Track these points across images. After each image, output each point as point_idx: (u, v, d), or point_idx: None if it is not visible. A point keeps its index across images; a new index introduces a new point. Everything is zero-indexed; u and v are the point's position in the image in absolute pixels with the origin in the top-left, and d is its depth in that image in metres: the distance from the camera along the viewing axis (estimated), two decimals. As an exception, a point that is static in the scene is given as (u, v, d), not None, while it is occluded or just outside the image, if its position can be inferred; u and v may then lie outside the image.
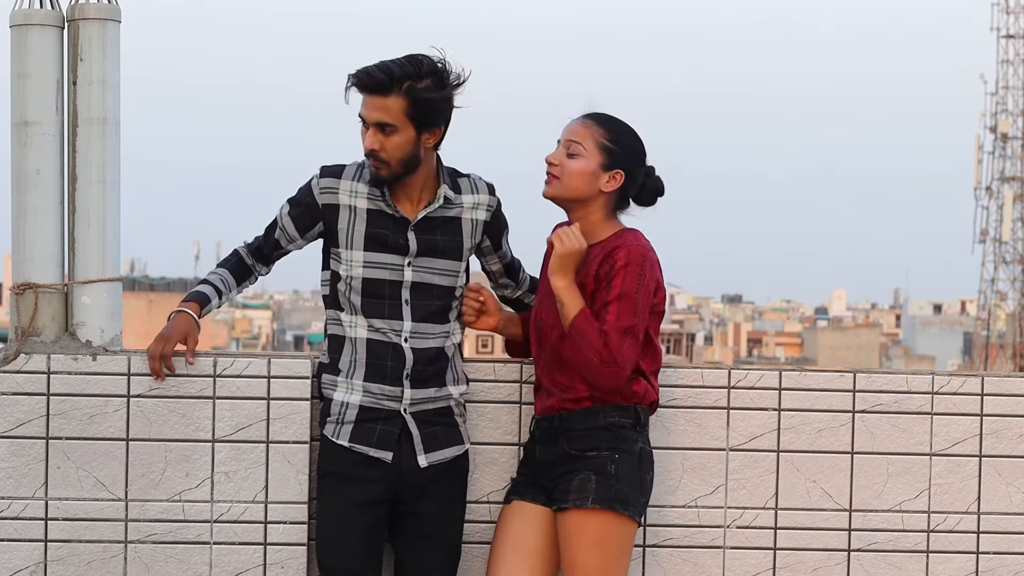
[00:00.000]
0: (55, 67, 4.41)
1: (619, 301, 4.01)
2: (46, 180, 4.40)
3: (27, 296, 4.39)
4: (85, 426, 4.33)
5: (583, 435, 4.10)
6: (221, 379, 4.36)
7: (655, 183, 4.24)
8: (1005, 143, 51.85)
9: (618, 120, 4.21)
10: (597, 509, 4.03)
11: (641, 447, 4.13)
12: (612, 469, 4.06)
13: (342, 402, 4.17)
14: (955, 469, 4.60)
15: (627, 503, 4.06)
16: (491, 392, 4.45)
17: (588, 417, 4.11)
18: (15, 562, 4.33)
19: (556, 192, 4.17)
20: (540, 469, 4.19)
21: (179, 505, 4.35)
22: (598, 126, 4.17)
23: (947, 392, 4.59)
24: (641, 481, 4.12)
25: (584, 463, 4.08)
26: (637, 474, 4.10)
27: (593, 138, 4.15)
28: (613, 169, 4.14)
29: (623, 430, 4.10)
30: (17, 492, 4.33)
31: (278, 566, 4.37)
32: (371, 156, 4.09)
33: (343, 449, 4.15)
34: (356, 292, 4.16)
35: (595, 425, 4.10)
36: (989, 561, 4.61)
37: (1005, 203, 51.12)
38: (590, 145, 4.15)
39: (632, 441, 4.11)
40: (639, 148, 4.20)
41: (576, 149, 4.15)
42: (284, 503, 4.37)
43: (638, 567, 4.52)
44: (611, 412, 4.10)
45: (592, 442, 4.09)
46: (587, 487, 4.05)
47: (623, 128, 4.20)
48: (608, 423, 4.09)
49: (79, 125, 4.41)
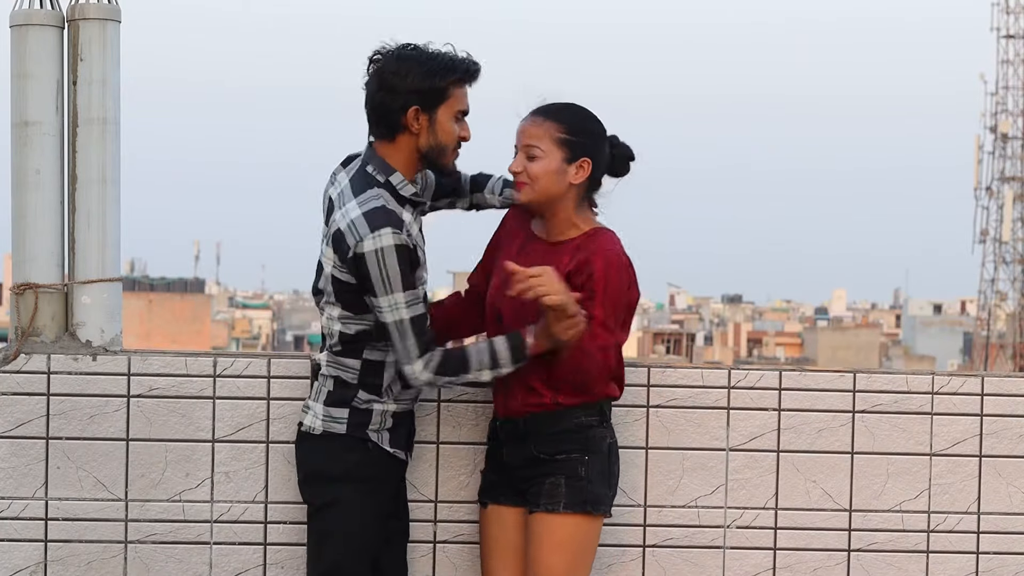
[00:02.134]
0: (55, 67, 4.41)
1: (607, 316, 3.96)
2: (46, 180, 4.41)
3: (27, 296, 4.39)
4: (85, 426, 4.33)
5: (551, 438, 4.05)
6: (221, 379, 4.36)
7: (624, 151, 4.13)
8: (1005, 143, 51.83)
9: (566, 108, 4.10)
10: (568, 513, 4.01)
11: (609, 442, 4.10)
12: (583, 472, 4.03)
13: (383, 411, 4.10)
14: (955, 469, 4.60)
15: (598, 503, 4.04)
16: (485, 391, 4.44)
17: (554, 420, 4.05)
18: (15, 562, 4.33)
19: (530, 197, 4.05)
20: (509, 471, 4.14)
21: (179, 505, 4.35)
22: (549, 121, 4.05)
23: (947, 392, 4.59)
24: (610, 476, 4.10)
25: (554, 466, 4.04)
26: (607, 470, 4.09)
27: (548, 135, 4.04)
28: (577, 160, 4.05)
29: (591, 429, 4.05)
30: (17, 492, 4.33)
31: (278, 566, 4.37)
32: (459, 147, 4.08)
33: (386, 454, 4.10)
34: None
35: (562, 428, 4.04)
36: (989, 561, 4.61)
37: (1005, 203, 51.11)
38: (547, 144, 4.04)
39: (600, 439, 4.07)
40: (596, 128, 4.10)
41: (534, 152, 4.04)
42: (284, 503, 4.37)
43: (638, 567, 4.52)
44: (577, 413, 4.04)
45: (560, 445, 4.04)
46: (557, 491, 4.02)
47: (575, 114, 4.09)
48: (575, 424, 4.04)
49: (79, 125, 4.41)
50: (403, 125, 4.03)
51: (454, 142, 4.07)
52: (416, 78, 4.00)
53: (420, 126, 4.03)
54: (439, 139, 4.04)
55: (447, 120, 4.03)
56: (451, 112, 4.03)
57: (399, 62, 4.02)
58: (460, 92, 4.05)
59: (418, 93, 4.01)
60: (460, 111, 4.05)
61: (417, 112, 4.02)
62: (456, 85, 4.03)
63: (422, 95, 4.01)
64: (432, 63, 4.01)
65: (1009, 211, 51.26)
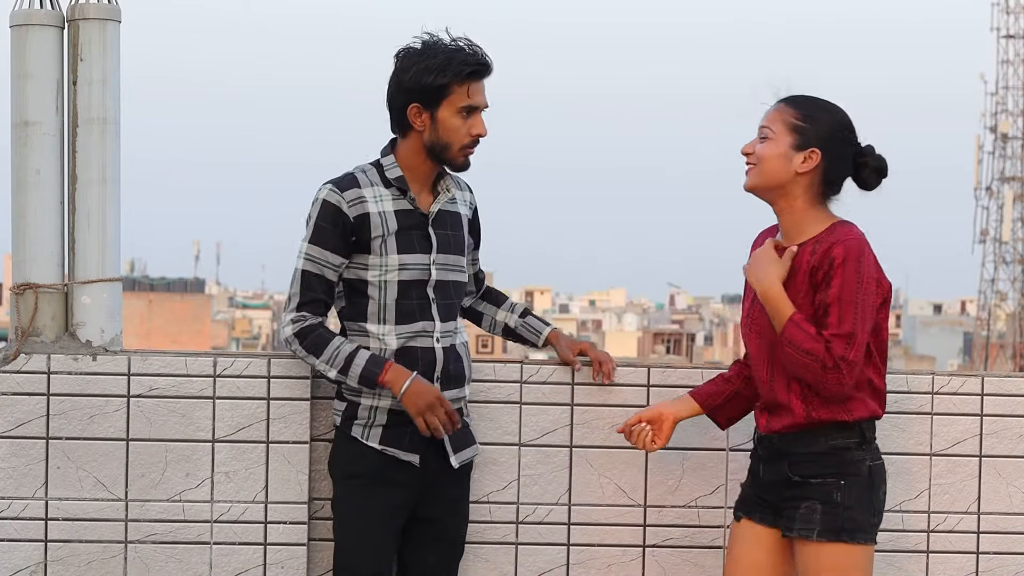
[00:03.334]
0: (55, 67, 4.41)
1: (840, 303, 3.79)
2: (46, 180, 4.40)
3: (27, 296, 4.39)
4: (85, 426, 4.33)
5: (805, 459, 3.90)
6: (221, 379, 4.36)
7: (876, 163, 3.95)
8: (1005, 143, 51.81)
9: (814, 99, 3.97)
10: (825, 542, 3.86)
11: (870, 465, 3.90)
12: (839, 497, 3.86)
13: (371, 406, 4.11)
14: (955, 469, 4.60)
15: (856, 531, 3.86)
16: (491, 392, 4.45)
17: (809, 440, 3.89)
18: (15, 562, 4.33)
19: (753, 181, 3.95)
20: (765, 487, 4.00)
21: (179, 505, 4.35)
22: (788, 107, 3.95)
23: (947, 392, 4.59)
24: (872, 501, 3.92)
25: (809, 490, 3.88)
26: (868, 496, 3.90)
27: (782, 119, 3.94)
28: (807, 148, 3.89)
29: (848, 451, 3.88)
30: (17, 492, 4.33)
31: (278, 566, 4.37)
32: (474, 145, 4.09)
33: (374, 451, 4.10)
34: (392, 297, 4.08)
35: (817, 449, 3.89)
36: (989, 561, 4.61)
37: (1005, 203, 51.08)
38: (779, 127, 3.93)
39: (859, 462, 3.88)
40: (838, 125, 3.94)
41: (766, 133, 3.94)
42: (284, 503, 4.37)
43: (638, 567, 4.52)
44: (833, 434, 3.88)
45: (815, 468, 3.88)
46: (812, 517, 3.86)
47: (818, 105, 3.96)
48: (831, 447, 3.88)
49: (79, 125, 4.41)
50: (409, 122, 4.08)
51: (461, 139, 4.07)
52: (415, 76, 4.03)
53: (423, 123, 4.07)
54: (441, 136, 4.06)
55: (450, 117, 4.04)
56: (453, 109, 4.04)
57: (403, 59, 4.07)
58: (463, 89, 4.03)
59: (417, 91, 4.04)
60: (464, 107, 4.05)
61: (419, 110, 4.06)
62: (458, 82, 4.02)
63: (421, 93, 4.03)
64: (431, 60, 4.01)
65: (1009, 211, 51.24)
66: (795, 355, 3.81)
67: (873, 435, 3.94)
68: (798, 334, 3.81)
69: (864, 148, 3.97)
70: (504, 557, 4.50)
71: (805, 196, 3.93)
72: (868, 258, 3.85)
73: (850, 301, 3.80)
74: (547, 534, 4.51)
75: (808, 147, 3.91)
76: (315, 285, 4.07)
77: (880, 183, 3.98)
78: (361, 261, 4.09)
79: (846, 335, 3.79)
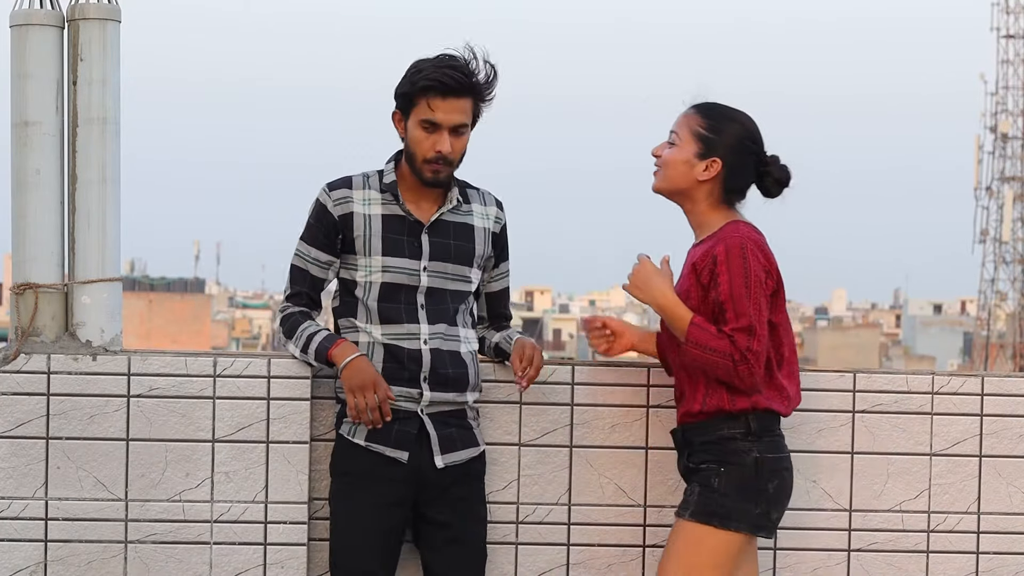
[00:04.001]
0: (55, 67, 4.41)
1: (732, 299, 3.91)
2: (46, 180, 4.40)
3: (27, 296, 4.39)
4: (85, 426, 4.33)
5: (699, 448, 4.05)
6: (221, 379, 4.36)
7: (777, 173, 4.06)
8: (1005, 143, 51.80)
9: (722, 108, 4.07)
10: (692, 522, 3.97)
11: (756, 456, 3.98)
12: (716, 483, 3.97)
13: None
14: (955, 469, 4.60)
15: (728, 518, 3.94)
16: (491, 392, 4.45)
17: (704, 430, 4.03)
18: (15, 562, 4.33)
19: (659, 184, 4.10)
20: (683, 479, 4.17)
21: (179, 505, 4.35)
22: (697, 115, 4.06)
23: (947, 392, 4.59)
24: (758, 492, 3.98)
25: (695, 475, 4.04)
26: (752, 486, 3.97)
27: (689, 127, 4.05)
28: (708, 157, 4.02)
29: (733, 441, 3.98)
30: (17, 492, 4.33)
31: (278, 566, 4.37)
32: (439, 161, 4.10)
33: (360, 448, 4.15)
34: (374, 298, 4.16)
35: (708, 439, 4.02)
36: (989, 561, 4.61)
37: (1005, 203, 51.08)
38: (685, 134, 4.04)
39: (744, 452, 3.98)
40: (743, 135, 4.05)
41: (673, 139, 4.06)
42: (284, 503, 4.37)
43: (638, 567, 4.52)
44: (721, 424, 4.00)
45: (703, 455, 4.03)
46: (690, 499, 4.00)
47: (725, 115, 4.06)
48: (718, 436, 4.00)
49: (79, 125, 4.41)
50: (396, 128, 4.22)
51: (424, 152, 4.11)
52: (401, 81, 4.16)
53: (403, 131, 4.19)
54: (409, 146, 4.18)
55: (413, 128, 4.14)
56: (415, 121, 4.12)
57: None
58: (423, 102, 4.07)
59: (398, 97, 4.17)
60: (425, 120, 4.09)
61: (399, 117, 4.19)
62: (419, 94, 4.08)
63: (399, 99, 4.16)
64: (413, 69, 4.12)
65: (1009, 211, 51.23)
66: (703, 355, 3.93)
67: (766, 427, 4.02)
68: (702, 335, 3.93)
69: (768, 158, 4.08)
70: (504, 557, 4.50)
71: (707, 201, 4.07)
72: (752, 252, 3.94)
73: (741, 296, 3.91)
74: (547, 534, 4.51)
75: (710, 156, 4.03)
76: (300, 279, 4.24)
77: (782, 192, 4.11)
78: (352, 261, 4.20)
79: (746, 328, 3.90)
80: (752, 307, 3.91)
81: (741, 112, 4.09)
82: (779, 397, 4.05)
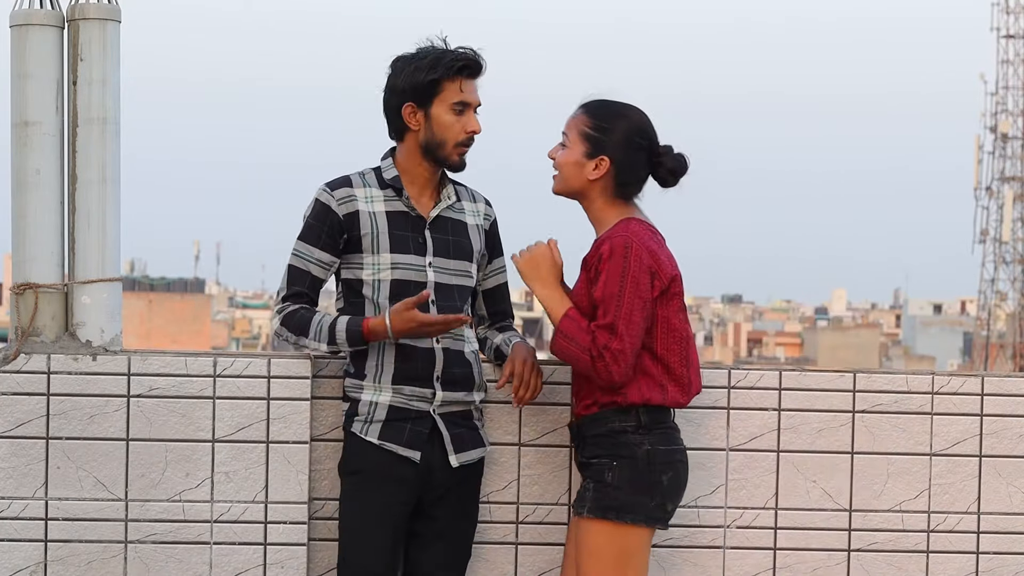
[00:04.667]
0: (55, 67, 4.41)
1: (604, 297, 3.95)
2: (46, 180, 4.41)
3: (27, 296, 4.39)
4: (85, 426, 4.33)
5: (591, 442, 4.07)
6: (221, 379, 4.36)
7: (669, 163, 4.08)
8: (1005, 143, 51.79)
9: (608, 105, 4.10)
10: (591, 518, 4.00)
11: (648, 449, 4.01)
12: (609, 477, 4.00)
13: (371, 402, 4.15)
14: (955, 469, 4.60)
15: (624, 511, 3.98)
16: (491, 392, 4.45)
17: (596, 424, 4.05)
18: (15, 562, 4.33)
19: (556, 186, 4.14)
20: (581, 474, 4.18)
21: (179, 505, 4.35)
22: (584, 115, 4.09)
23: (947, 392, 4.59)
24: (651, 484, 4.00)
25: (590, 471, 4.07)
26: (645, 479, 4.00)
27: (576, 127, 4.08)
28: (596, 156, 4.05)
29: (624, 435, 4.01)
30: (17, 492, 4.33)
31: (278, 566, 4.37)
32: (469, 143, 4.16)
33: (372, 446, 4.14)
34: (384, 296, 4.15)
35: (599, 432, 4.04)
36: (989, 561, 4.61)
37: (1005, 203, 51.07)
38: (573, 135, 4.08)
39: (635, 445, 4.00)
40: (631, 130, 4.06)
41: (564, 140, 4.11)
42: (284, 503, 4.37)
43: (638, 567, 4.52)
44: (613, 418, 4.03)
45: (596, 450, 4.05)
46: (586, 495, 4.03)
47: (611, 112, 4.08)
48: (609, 429, 4.03)
49: (79, 125, 4.41)
50: (404, 123, 4.17)
51: (456, 135, 4.15)
52: (407, 76, 4.14)
53: (418, 122, 4.16)
54: (435, 133, 4.15)
55: (442, 114, 4.13)
56: (446, 105, 4.14)
57: (395, 63, 4.19)
58: (454, 85, 4.13)
59: (410, 90, 4.14)
60: (456, 103, 4.14)
61: (413, 109, 4.15)
62: (448, 78, 4.12)
63: (414, 92, 4.14)
64: (422, 60, 4.13)
65: (1009, 211, 51.23)
66: (568, 346, 3.98)
67: (658, 420, 4.04)
68: (571, 327, 3.98)
69: (661, 148, 4.10)
70: (504, 557, 4.50)
71: (602, 198, 4.10)
72: (636, 252, 3.96)
73: (613, 295, 3.94)
74: (547, 534, 4.51)
75: (598, 155, 4.06)
76: (299, 279, 4.20)
77: (678, 181, 4.13)
78: (356, 260, 4.18)
79: (608, 326, 3.92)
80: (621, 307, 3.93)
81: (630, 107, 4.11)
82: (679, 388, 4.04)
